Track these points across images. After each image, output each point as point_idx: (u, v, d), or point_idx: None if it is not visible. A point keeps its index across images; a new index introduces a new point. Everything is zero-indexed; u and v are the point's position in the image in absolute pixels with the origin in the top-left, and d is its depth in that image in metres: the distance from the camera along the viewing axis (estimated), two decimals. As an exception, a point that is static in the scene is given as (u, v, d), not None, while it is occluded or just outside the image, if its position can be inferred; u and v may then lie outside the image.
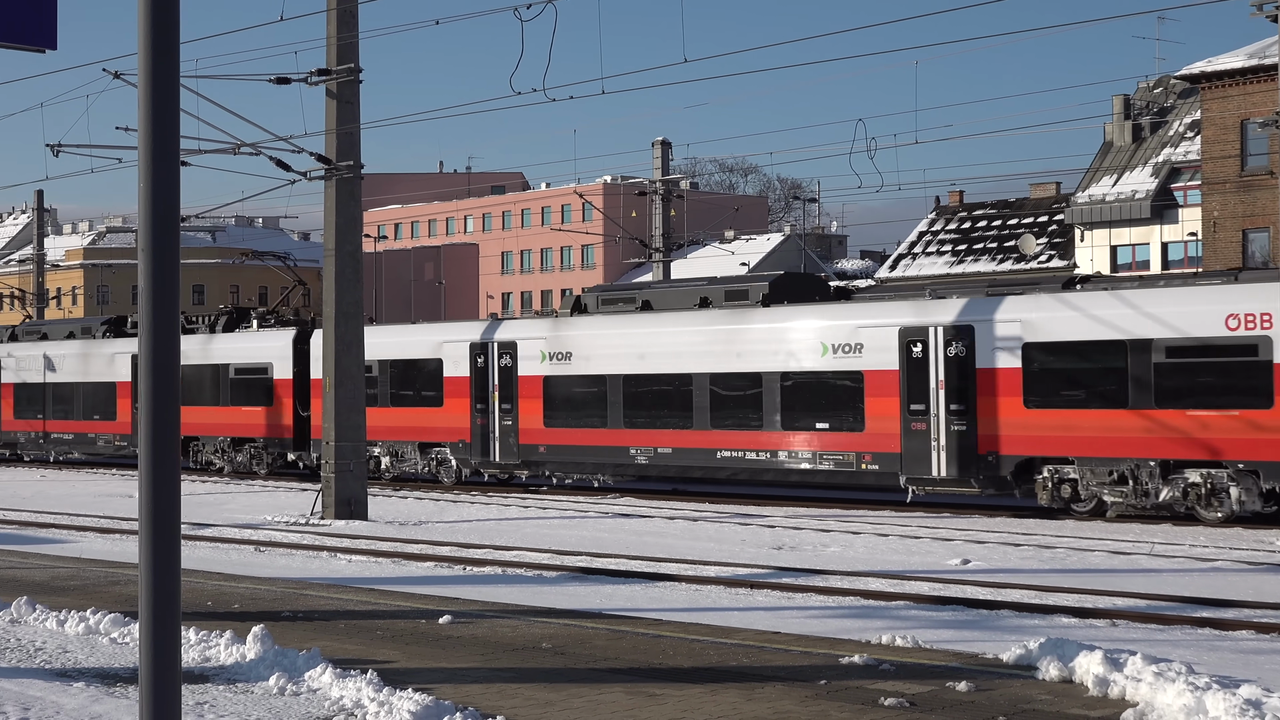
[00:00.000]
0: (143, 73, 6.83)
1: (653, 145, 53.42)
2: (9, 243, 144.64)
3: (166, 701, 6.36)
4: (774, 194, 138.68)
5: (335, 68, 30.89)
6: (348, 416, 31.42)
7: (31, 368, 55.50)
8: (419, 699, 10.56)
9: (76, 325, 56.30)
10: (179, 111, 6.77)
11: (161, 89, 6.86)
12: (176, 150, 6.69)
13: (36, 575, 19.74)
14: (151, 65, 6.90)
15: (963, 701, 10.86)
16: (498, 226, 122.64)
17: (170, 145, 6.82)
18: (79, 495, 38.72)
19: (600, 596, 18.70)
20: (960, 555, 23.18)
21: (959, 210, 77.80)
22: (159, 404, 6.46)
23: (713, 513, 31.55)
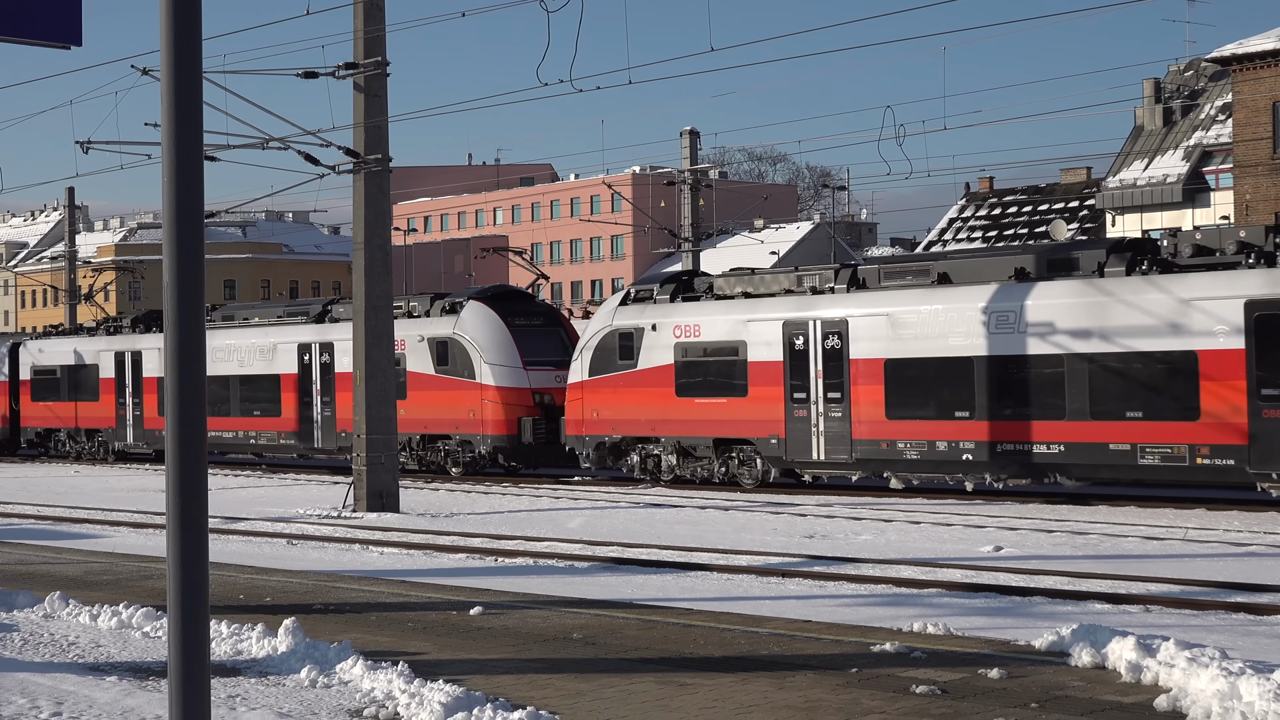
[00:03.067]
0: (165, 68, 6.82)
1: (681, 135, 53.35)
2: (41, 240, 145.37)
3: (195, 695, 6.36)
4: (803, 182, 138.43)
5: (362, 61, 30.92)
6: (378, 409, 31.48)
7: None
8: (450, 690, 10.56)
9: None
10: (202, 107, 6.76)
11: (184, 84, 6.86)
12: (200, 146, 6.68)
13: (70, 570, 19.83)
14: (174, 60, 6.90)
15: (995, 689, 10.82)
16: (527, 218, 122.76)
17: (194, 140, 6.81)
18: (113, 490, 38.90)
19: (632, 587, 18.70)
20: (993, 542, 23.11)
21: (989, 196, 77.55)
22: (185, 399, 6.47)
23: (744, 502, 31.52)
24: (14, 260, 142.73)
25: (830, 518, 27.56)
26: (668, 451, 36.37)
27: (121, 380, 52.28)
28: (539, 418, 39.93)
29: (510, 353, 40.49)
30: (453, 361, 41.17)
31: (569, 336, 41.88)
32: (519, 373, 40.24)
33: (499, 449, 40.37)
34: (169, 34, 6.62)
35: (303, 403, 45.07)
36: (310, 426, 44.87)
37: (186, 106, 6.66)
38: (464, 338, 40.99)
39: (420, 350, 42.02)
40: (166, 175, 6.55)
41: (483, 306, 41.35)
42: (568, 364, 39.55)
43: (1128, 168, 65.23)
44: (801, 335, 33.58)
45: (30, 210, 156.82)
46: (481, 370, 40.50)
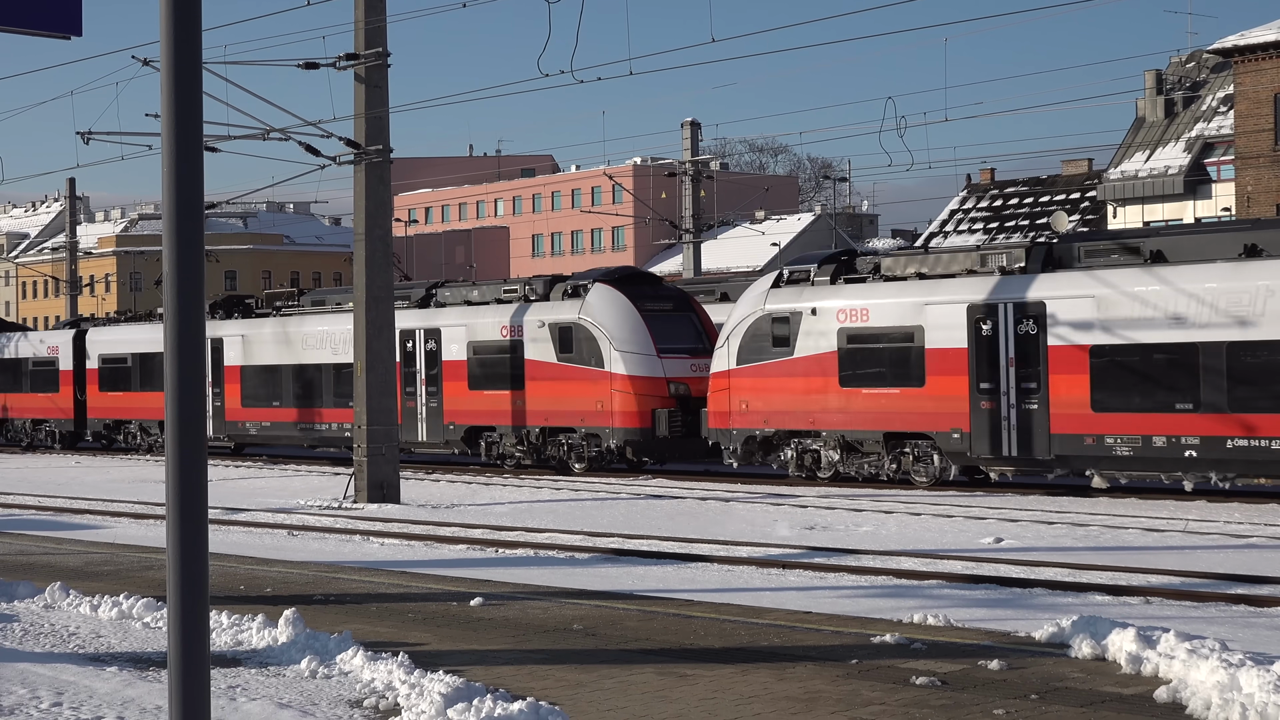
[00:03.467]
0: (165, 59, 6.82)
1: (682, 126, 53.36)
2: (42, 231, 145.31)
3: (195, 685, 6.37)
4: (804, 174, 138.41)
5: (363, 52, 30.91)
6: (379, 400, 31.50)
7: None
8: (450, 681, 10.57)
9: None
10: (202, 98, 6.75)
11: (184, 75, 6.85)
12: (200, 137, 6.68)
13: (71, 561, 19.84)
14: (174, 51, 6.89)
15: (994, 680, 10.83)
16: (528, 209, 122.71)
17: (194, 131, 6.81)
18: (114, 481, 38.92)
19: (632, 578, 18.71)
20: (993, 534, 23.11)
21: (990, 188, 77.54)
22: (184, 389, 6.47)
23: (745, 493, 31.53)
24: (15, 251, 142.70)
25: (831, 509, 27.57)
26: (829, 446, 33.53)
27: None
28: (674, 409, 37.10)
29: (643, 339, 37.60)
30: (578, 348, 38.11)
31: (701, 322, 39.05)
32: (652, 361, 37.45)
33: (629, 443, 37.38)
34: (169, 24, 6.62)
35: (405, 393, 41.69)
36: (412, 419, 41.64)
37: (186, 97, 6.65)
38: (591, 323, 37.95)
39: (540, 337, 38.89)
40: (166, 166, 6.55)
41: (611, 289, 38.51)
42: (702, 351, 37.59)
43: (1129, 159, 65.20)
44: (989, 319, 30.71)
45: (31, 201, 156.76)
46: (611, 358, 37.46)
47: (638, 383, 37.34)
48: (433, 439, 41.48)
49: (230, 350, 47.72)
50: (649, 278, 41.36)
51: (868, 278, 33.50)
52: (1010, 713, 9.80)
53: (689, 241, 52.75)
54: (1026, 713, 9.81)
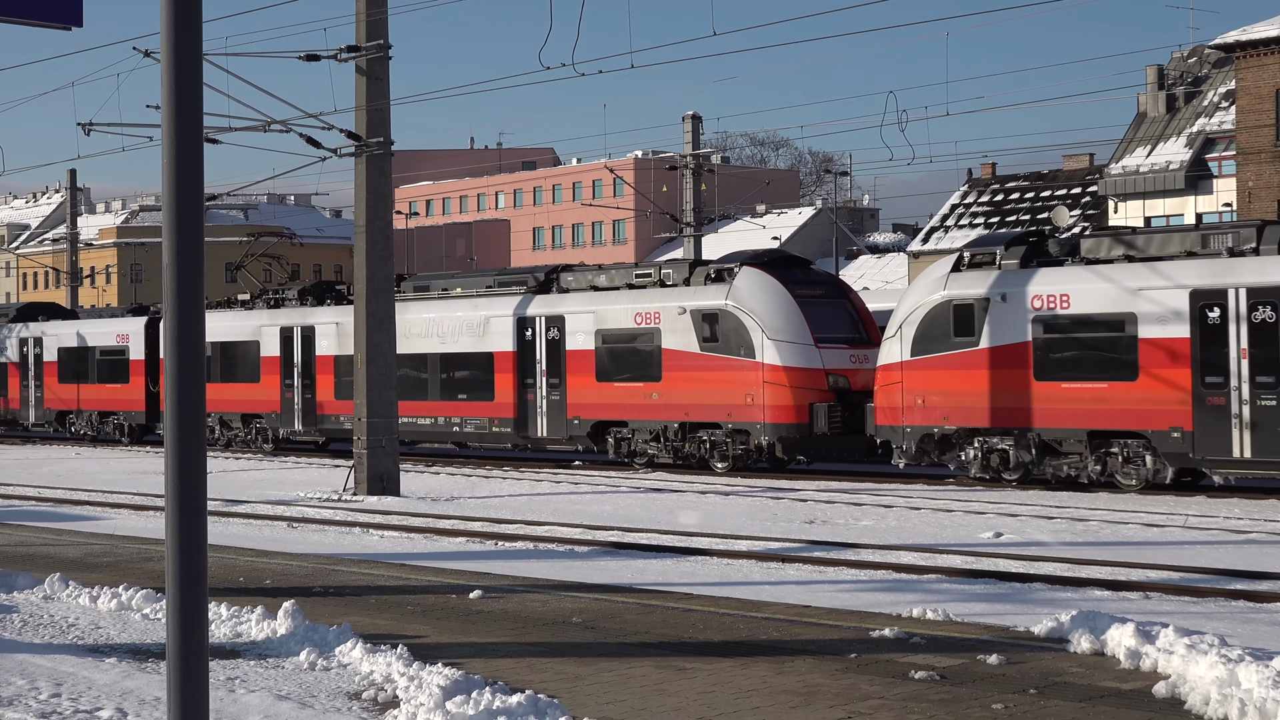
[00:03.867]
0: (166, 50, 6.81)
1: (683, 119, 53.33)
2: (43, 221, 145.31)
3: (194, 677, 6.37)
4: (805, 167, 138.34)
5: (364, 44, 30.89)
6: (379, 392, 31.50)
7: None
8: (449, 673, 10.57)
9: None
10: (202, 89, 6.75)
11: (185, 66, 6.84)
12: (200, 128, 6.67)
13: (70, 552, 19.85)
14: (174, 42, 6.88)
15: (994, 674, 10.83)
16: (529, 202, 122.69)
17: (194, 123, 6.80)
18: (113, 472, 38.92)
19: (631, 571, 18.71)
20: (993, 528, 23.11)
21: (991, 182, 77.53)
22: (184, 381, 6.46)
23: (745, 487, 31.52)
24: (16, 242, 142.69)
25: (830, 503, 27.57)
26: (1020, 446, 30.81)
27: (289, 359, 46.07)
28: (833, 404, 34.18)
29: (799, 327, 34.57)
30: (724, 337, 35.17)
31: (857, 309, 36.25)
32: (810, 351, 34.40)
33: (782, 440, 34.45)
34: (169, 15, 6.61)
35: (523, 385, 39.28)
36: (533, 413, 39.03)
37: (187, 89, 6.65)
38: (740, 309, 34.93)
39: (681, 324, 36.04)
40: (166, 157, 6.54)
41: (761, 273, 35.69)
42: (861, 341, 35.03)
43: (1130, 154, 65.17)
44: (1217, 306, 28.21)
45: (32, 192, 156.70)
46: (763, 347, 34.47)
47: (794, 374, 34.48)
48: (554, 434, 38.89)
49: (323, 339, 44.94)
50: (799, 261, 38.47)
51: (1064, 261, 31.12)
52: (1009, 707, 9.80)
53: (690, 235, 52.73)
54: (1025, 707, 9.81)
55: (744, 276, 35.64)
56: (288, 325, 46.41)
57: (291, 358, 46.11)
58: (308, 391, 45.36)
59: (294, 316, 46.47)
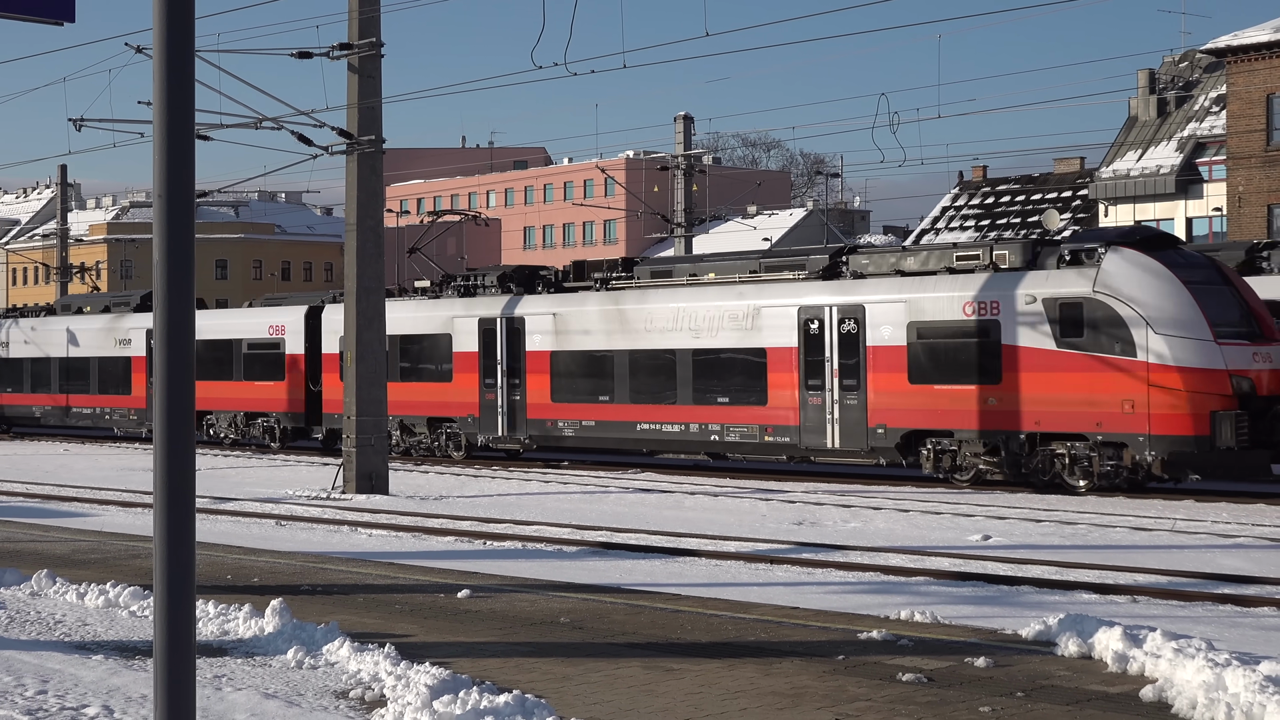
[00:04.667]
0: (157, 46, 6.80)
1: (675, 120, 53.32)
2: (33, 217, 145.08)
3: (180, 674, 6.36)
4: (796, 169, 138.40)
5: (357, 42, 30.87)
6: (368, 391, 31.48)
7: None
8: (436, 673, 10.56)
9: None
10: (194, 85, 6.74)
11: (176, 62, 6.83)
12: (191, 125, 6.66)
13: (58, 548, 19.81)
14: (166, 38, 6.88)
15: (981, 677, 10.84)
16: (520, 201, 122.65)
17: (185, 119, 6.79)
18: (102, 469, 38.86)
19: (620, 571, 18.71)
20: (981, 531, 23.12)
21: (982, 185, 77.59)
22: (173, 378, 6.45)
23: (733, 488, 31.52)
24: (6, 237, 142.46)
25: (819, 505, 27.57)
26: None
27: (490, 356, 40.35)
28: (1240, 411, 28.72)
29: (1193, 319, 29.06)
30: (1091, 331, 29.69)
31: (1245, 296, 30.40)
32: (1209, 348, 28.94)
33: (1174, 455, 28.83)
34: (161, 11, 6.60)
35: (807, 387, 33.99)
36: (821, 421, 33.68)
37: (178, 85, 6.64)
38: (1113, 297, 29.43)
39: (1030, 316, 30.69)
40: (157, 154, 6.53)
41: (1139, 254, 30.13)
42: (1260, 335, 29.68)
43: (1121, 158, 65.25)
44: None
45: (22, 187, 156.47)
46: (1148, 344, 29.07)
47: (1190, 376, 28.90)
48: (849, 445, 33.37)
49: (535, 333, 39.36)
50: (1170, 239, 32.65)
51: None
52: (996, 710, 9.80)
53: (681, 235, 52.72)
54: (1013, 710, 9.82)
55: (1115, 258, 30.01)
56: (489, 317, 40.72)
57: (494, 354, 40.54)
58: (515, 393, 39.67)
59: (493, 307, 40.73)
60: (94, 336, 54.52)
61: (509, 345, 39.88)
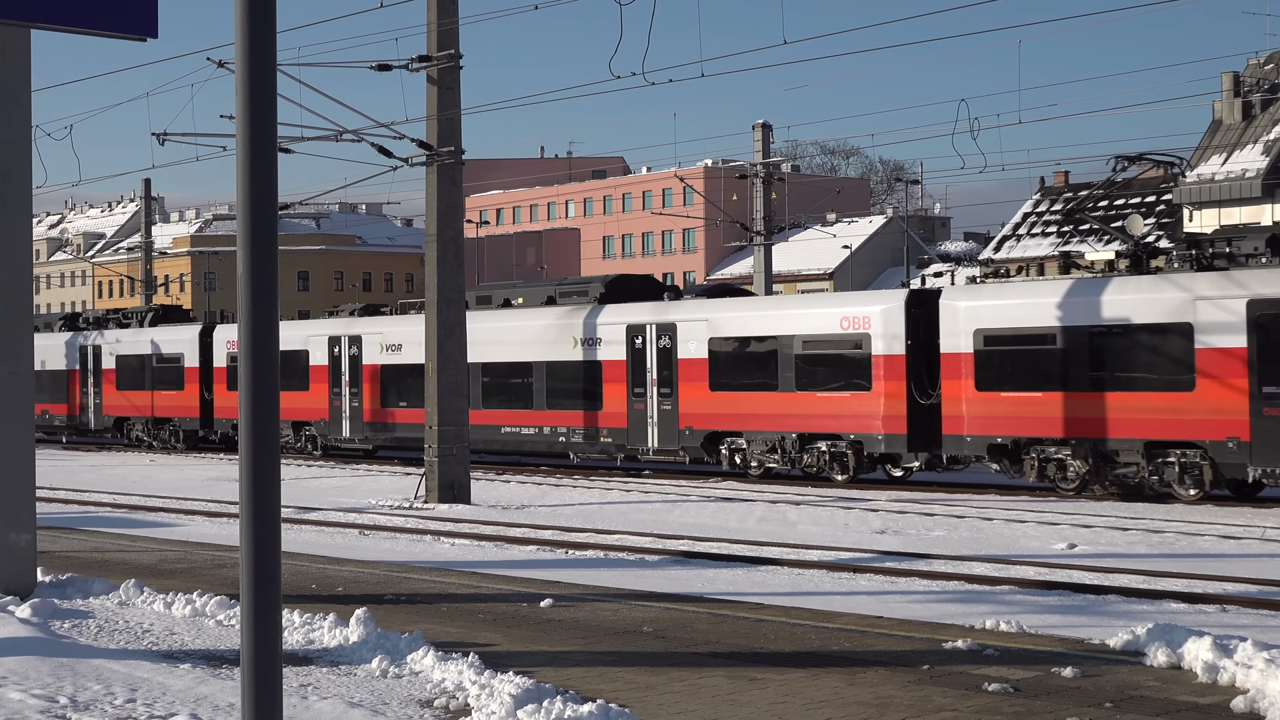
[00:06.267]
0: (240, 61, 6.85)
1: (753, 128, 53.24)
2: (118, 231, 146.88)
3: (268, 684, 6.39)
4: (876, 176, 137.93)
5: (436, 54, 31.02)
6: (450, 401, 31.60)
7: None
8: (520, 682, 10.57)
9: None
10: (276, 99, 6.78)
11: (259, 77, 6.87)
12: (274, 138, 6.70)
13: (145, 558, 19.99)
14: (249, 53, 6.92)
15: (1068, 687, 10.72)
16: (599, 211, 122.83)
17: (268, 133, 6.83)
18: (188, 479, 39.23)
19: (702, 580, 18.67)
20: (1066, 539, 22.92)
21: (1064, 190, 76.99)
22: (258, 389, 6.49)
23: (815, 496, 31.40)
24: (91, 250, 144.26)
25: (902, 513, 27.41)
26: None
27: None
28: None
29: None
30: None
31: None
32: None
33: None
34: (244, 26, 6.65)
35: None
36: None
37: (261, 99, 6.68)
38: None
39: None
40: (241, 168, 6.57)
41: None
42: None
43: (1206, 162, 64.53)
44: None
45: (108, 201, 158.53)
46: None
47: None
48: None
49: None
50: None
51: None
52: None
53: (760, 244, 52.61)
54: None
55: None
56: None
57: None
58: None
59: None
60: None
61: None
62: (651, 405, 38.03)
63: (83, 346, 57.84)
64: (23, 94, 15.59)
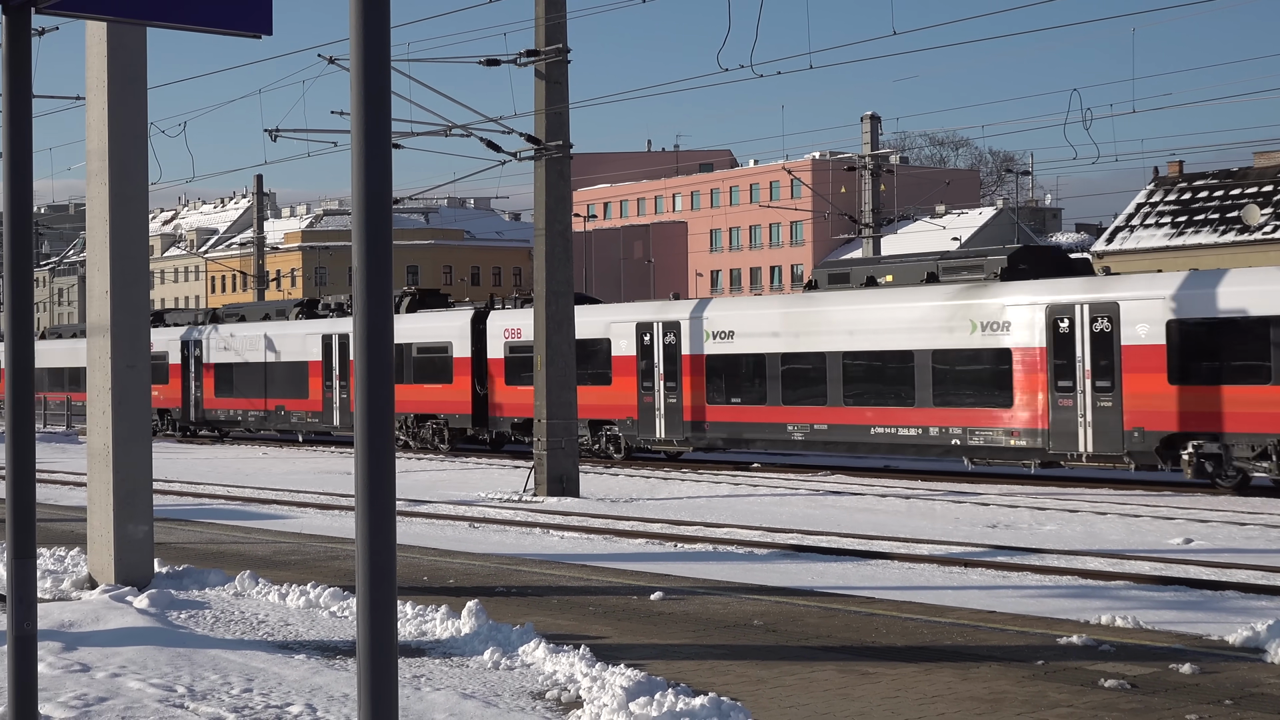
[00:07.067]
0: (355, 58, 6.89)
1: (861, 120, 53.00)
2: (230, 226, 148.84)
3: (384, 675, 6.42)
4: (986, 167, 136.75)
5: (543, 48, 31.12)
6: (559, 394, 31.71)
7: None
8: (631, 674, 10.58)
9: None
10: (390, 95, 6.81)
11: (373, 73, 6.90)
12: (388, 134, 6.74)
13: (259, 550, 20.22)
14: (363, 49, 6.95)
15: (1186, 684, 10.57)
16: (706, 204, 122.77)
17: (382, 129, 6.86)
18: (299, 472, 39.65)
19: (812, 574, 18.60)
20: (1182, 534, 22.60)
21: (1178, 181, 75.88)
22: (374, 383, 6.52)
23: (926, 490, 31.19)
24: (204, 246, 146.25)
25: (1013, 507, 27.17)
26: None
27: None
28: None
29: None
30: None
31: None
32: None
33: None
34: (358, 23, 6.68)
35: None
36: None
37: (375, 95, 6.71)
38: None
39: None
40: (356, 163, 6.61)
41: None
42: None
43: (1324, 151, 63.36)
44: None
45: (220, 197, 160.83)
46: None
47: None
48: None
49: None
50: None
51: None
52: (1203, 718, 9.55)
53: (868, 236, 52.35)
54: (1221, 718, 9.56)
55: None
56: None
57: None
58: None
59: None
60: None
61: None
62: (1084, 402, 31.93)
63: (325, 336, 52.35)
64: (139, 91, 15.82)
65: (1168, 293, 31.10)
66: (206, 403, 57.85)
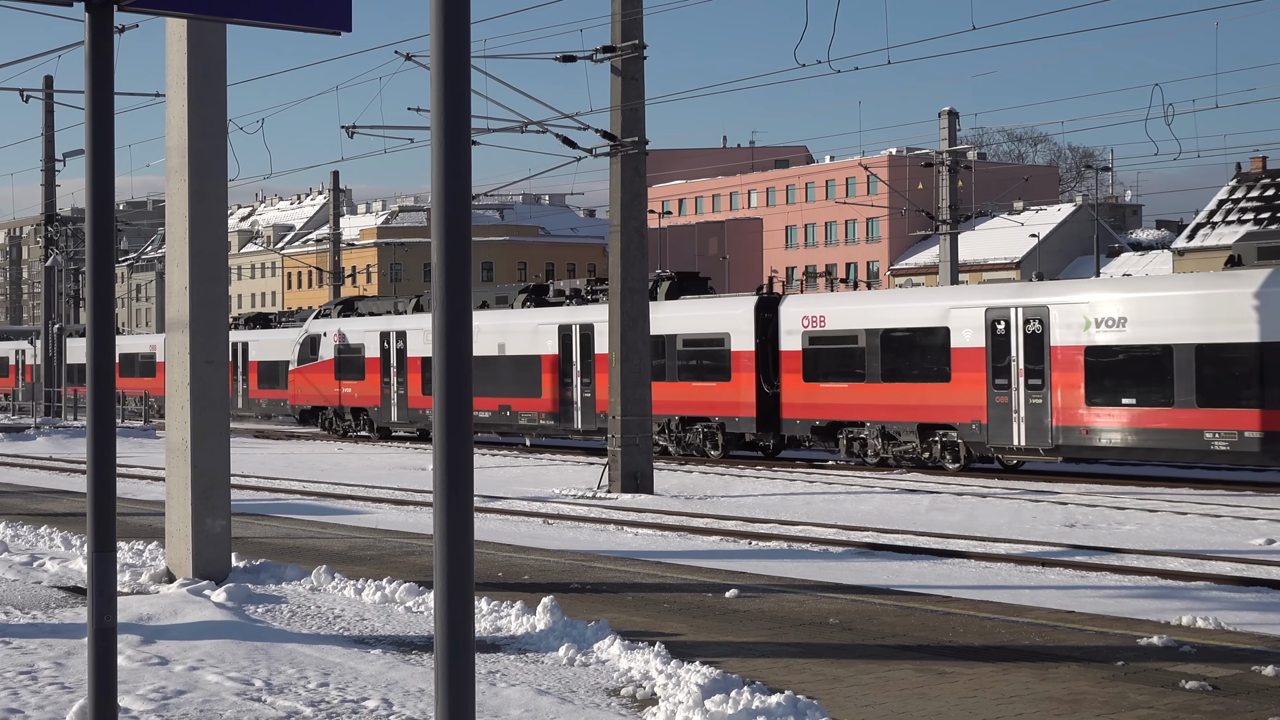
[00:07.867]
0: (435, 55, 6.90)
1: (939, 116, 52.71)
2: (307, 222, 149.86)
3: (461, 670, 6.42)
4: (1064, 163, 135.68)
5: (620, 44, 31.13)
6: (634, 391, 31.72)
7: None
8: (706, 672, 10.55)
9: None
10: (470, 93, 6.82)
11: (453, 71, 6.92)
12: (468, 131, 6.74)
13: (335, 545, 20.33)
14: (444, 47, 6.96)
15: (1270, 686, 10.43)
16: (781, 200, 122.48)
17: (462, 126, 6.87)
18: (374, 468, 39.85)
19: (887, 572, 18.51)
20: (1264, 535, 22.33)
21: (1262, 177, 75.03)
22: (452, 379, 6.52)
23: (1002, 489, 30.98)
24: (281, 242, 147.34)
25: (1092, 506, 26.94)
26: None
27: None
28: None
29: None
30: None
31: None
32: None
33: None
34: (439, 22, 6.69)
35: None
36: None
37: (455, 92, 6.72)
38: None
39: None
40: (435, 160, 6.62)
41: None
42: None
43: None
44: None
45: (297, 194, 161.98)
46: None
47: None
48: None
49: None
50: None
51: None
52: (1287, 722, 9.42)
53: (945, 233, 52.06)
54: (1304, 722, 9.43)
55: None
56: None
57: None
58: None
59: None
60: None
61: None
62: None
63: (563, 327, 46.39)
64: (219, 89, 15.93)
65: None
66: (411, 401, 52.03)
